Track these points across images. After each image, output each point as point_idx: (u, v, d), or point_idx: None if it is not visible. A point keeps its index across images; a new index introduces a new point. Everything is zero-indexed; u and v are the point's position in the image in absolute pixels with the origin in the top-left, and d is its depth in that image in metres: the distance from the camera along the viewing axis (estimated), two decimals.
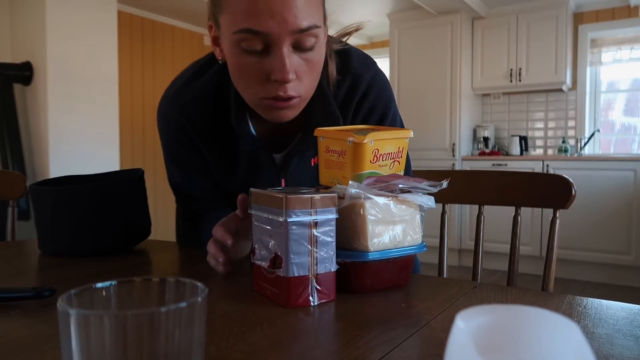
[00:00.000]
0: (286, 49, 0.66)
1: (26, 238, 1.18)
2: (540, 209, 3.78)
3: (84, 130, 3.23)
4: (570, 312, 0.57)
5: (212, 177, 0.90)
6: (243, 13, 0.63)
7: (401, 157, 0.68)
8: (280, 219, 0.56)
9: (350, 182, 0.60)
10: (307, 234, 0.56)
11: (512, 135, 4.44)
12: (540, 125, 4.50)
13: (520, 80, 4.20)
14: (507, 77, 4.25)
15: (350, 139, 0.62)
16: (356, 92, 0.83)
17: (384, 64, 5.67)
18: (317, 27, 0.66)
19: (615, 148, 4.38)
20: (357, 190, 0.59)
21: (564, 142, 4.26)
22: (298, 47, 0.67)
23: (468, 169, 4.10)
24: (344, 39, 0.86)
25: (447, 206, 1.14)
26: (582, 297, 0.62)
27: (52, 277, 0.75)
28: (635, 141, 4.29)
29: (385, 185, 0.61)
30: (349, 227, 0.61)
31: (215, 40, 0.74)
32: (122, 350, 0.29)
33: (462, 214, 4.19)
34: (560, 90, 4.27)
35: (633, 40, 4.19)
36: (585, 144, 4.26)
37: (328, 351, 0.45)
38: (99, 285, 0.34)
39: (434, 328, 0.52)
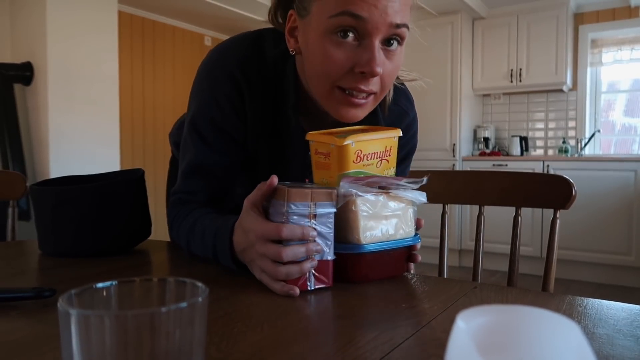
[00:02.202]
0: (377, 43, 0.67)
1: (26, 238, 1.18)
2: (540, 210, 3.78)
3: (84, 131, 3.23)
4: (570, 313, 0.57)
5: (242, 156, 0.82)
6: None
7: (390, 155, 0.71)
8: (283, 210, 0.60)
9: (341, 182, 0.64)
10: (307, 224, 0.61)
11: (513, 136, 4.44)
12: (540, 125, 4.50)
13: (520, 81, 4.20)
14: (508, 77, 4.25)
15: (332, 143, 0.67)
16: (400, 125, 0.88)
17: None
18: (408, 27, 0.70)
19: (615, 148, 4.37)
20: (348, 189, 0.63)
21: (564, 142, 4.26)
22: (386, 44, 0.69)
23: (468, 169, 4.09)
24: (399, 80, 0.91)
25: (448, 206, 1.14)
26: (582, 298, 0.62)
27: (52, 277, 0.75)
28: (635, 142, 4.29)
29: (366, 183, 0.65)
30: (344, 223, 0.65)
31: (292, 32, 0.75)
32: (123, 350, 0.29)
33: (462, 214, 4.19)
34: (561, 90, 4.27)
35: (633, 40, 4.19)
36: (585, 145, 4.26)
37: (328, 351, 0.45)
38: (100, 285, 0.34)
39: (435, 328, 0.52)
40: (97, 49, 3.28)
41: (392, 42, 0.69)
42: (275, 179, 0.63)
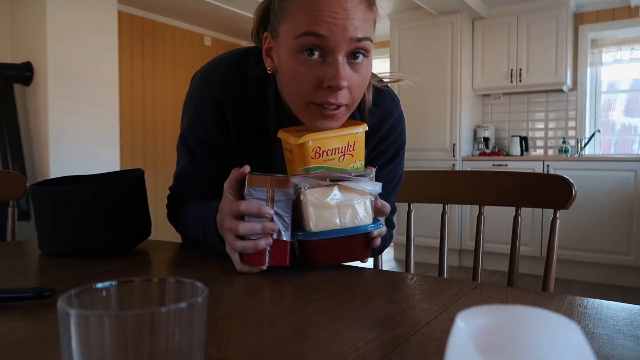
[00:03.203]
0: (341, 58, 0.71)
1: (26, 238, 1.18)
2: (540, 210, 3.78)
3: (84, 131, 3.23)
4: (570, 313, 0.57)
5: (227, 168, 0.87)
6: (307, 19, 0.70)
7: (354, 150, 0.75)
8: (245, 192, 0.71)
9: (290, 178, 0.72)
10: (261, 208, 0.70)
11: (513, 136, 4.44)
12: (540, 125, 4.50)
13: (520, 81, 4.20)
14: (508, 77, 4.25)
15: (290, 140, 0.74)
16: (383, 125, 0.92)
17: (384, 64, 5.67)
18: (370, 40, 0.74)
19: (615, 148, 4.37)
20: (297, 183, 0.71)
21: (564, 142, 4.26)
22: (351, 58, 0.73)
23: (468, 169, 4.10)
24: (382, 82, 0.94)
25: (448, 206, 1.14)
26: (582, 298, 0.62)
27: (52, 278, 0.75)
28: (635, 142, 4.29)
29: (316, 177, 0.72)
30: (298, 214, 0.73)
31: (268, 52, 0.81)
32: (122, 350, 0.29)
33: (462, 214, 4.19)
34: (561, 90, 4.27)
35: (633, 40, 4.19)
36: (585, 145, 4.26)
37: (328, 351, 0.45)
38: (99, 285, 0.34)
39: (434, 328, 0.52)
40: (97, 49, 3.28)
41: (357, 55, 0.73)
42: (247, 168, 0.72)
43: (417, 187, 1.16)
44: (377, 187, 0.75)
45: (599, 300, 0.61)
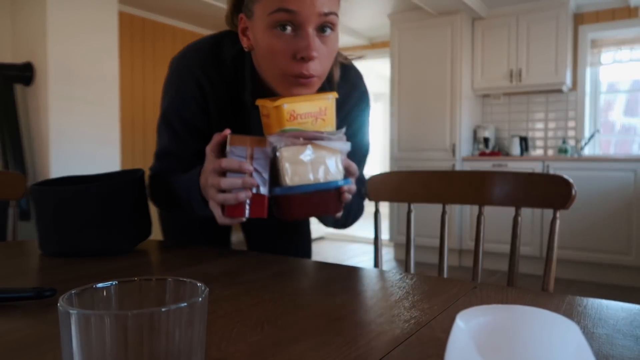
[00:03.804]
0: (311, 31, 0.78)
1: (27, 238, 1.18)
2: (540, 210, 3.78)
3: (84, 131, 3.23)
4: (570, 313, 0.57)
5: (206, 144, 0.91)
6: None
7: (325, 115, 0.81)
8: (227, 151, 0.76)
9: (268, 137, 0.77)
10: (241, 165, 0.75)
11: (513, 136, 4.44)
12: (540, 125, 4.50)
13: (520, 81, 4.20)
14: (508, 77, 4.25)
15: (270, 106, 0.79)
16: (350, 98, 1.00)
17: (384, 65, 5.67)
18: (336, 15, 0.81)
19: (615, 149, 4.37)
20: (274, 142, 0.76)
21: (564, 142, 4.26)
22: (320, 31, 0.80)
23: (468, 169, 4.10)
24: (347, 60, 1.02)
25: (448, 206, 1.14)
26: (582, 297, 0.62)
27: (52, 277, 0.76)
28: (635, 142, 4.29)
29: (291, 136, 0.77)
30: (276, 170, 0.78)
31: (244, 31, 0.87)
32: (123, 350, 0.29)
33: (462, 214, 4.19)
34: (561, 90, 4.27)
35: (633, 40, 4.19)
36: (585, 145, 4.26)
37: (328, 351, 0.45)
38: (100, 285, 0.34)
39: (434, 328, 0.52)
40: (98, 49, 3.28)
41: (325, 29, 0.80)
42: (228, 131, 0.78)
43: (417, 187, 1.16)
44: (347, 145, 0.80)
45: (599, 300, 0.61)
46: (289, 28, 0.78)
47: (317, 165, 0.78)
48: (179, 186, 0.91)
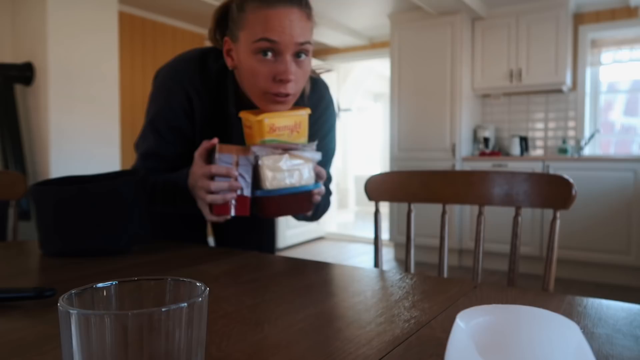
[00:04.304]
0: (289, 57, 0.91)
1: (27, 238, 1.18)
2: (540, 210, 3.78)
3: (85, 131, 3.23)
4: (570, 312, 0.57)
5: (188, 148, 1.06)
6: (262, 28, 0.89)
7: (300, 128, 0.95)
8: (215, 157, 0.87)
9: (251, 147, 0.89)
10: (229, 170, 0.87)
11: (513, 136, 4.44)
12: (540, 125, 4.50)
13: (520, 81, 4.20)
14: (508, 77, 4.25)
15: (253, 119, 0.91)
16: (319, 107, 1.12)
17: (384, 65, 5.67)
18: (310, 43, 0.93)
19: (615, 149, 4.37)
20: (257, 152, 0.89)
21: (564, 142, 4.26)
22: (296, 56, 0.92)
23: (468, 169, 4.10)
24: (315, 74, 1.14)
25: (448, 206, 1.14)
26: (582, 297, 0.62)
27: (52, 277, 0.76)
28: (635, 142, 4.29)
29: (272, 147, 0.90)
30: (257, 175, 0.90)
31: (228, 52, 0.98)
32: (123, 350, 0.29)
33: (462, 214, 4.19)
34: (561, 90, 4.27)
35: (633, 40, 4.19)
36: (585, 145, 4.26)
37: (328, 351, 0.46)
38: (100, 285, 0.34)
39: (434, 328, 0.52)
40: (98, 49, 3.28)
41: (300, 55, 0.92)
42: (216, 140, 0.89)
43: (417, 187, 1.16)
44: (318, 155, 0.94)
45: (599, 300, 0.61)
46: (269, 54, 0.90)
47: (292, 172, 0.91)
48: (165, 183, 1.00)
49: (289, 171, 0.91)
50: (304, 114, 0.94)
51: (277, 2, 0.88)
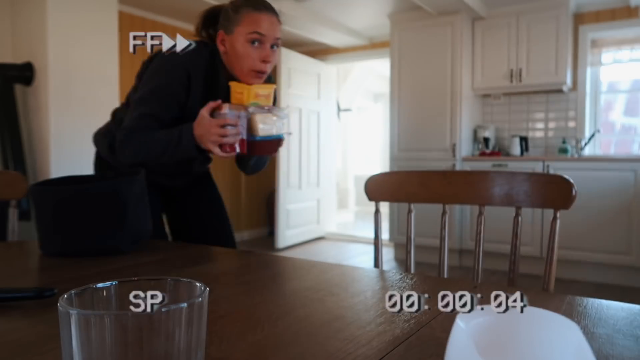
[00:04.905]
0: (268, 46, 1.28)
1: (28, 238, 1.18)
2: (540, 210, 3.78)
3: (85, 131, 3.22)
4: (570, 312, 0.57)
5: (183, 114, 1.30)
6: (255, 25, 1.26)
7: (270, 97, 1.29)
8: (226, 111, 1.19)
9: (248, 106, 1.23)
10: (236, 121, 1.20)
11: (513, 136, 4.44)
12: (540, 125, 4.50)
13: (520, 81, 4.19)
14: (508, 77, 4.25)
15: (243, 86, 1.26)
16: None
17: (384, 65, 5.66)
18: (279, 39, 1.30)
19: (615, 149, 4.37)
20: (252, 110, 1.23)
21: (564, 142, 4.26)
22: (272, 47, 1.29)
23: (468, 169, 4.09)
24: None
25: (448, 206, 1.14)
26: (582, 297, 0.62)
27: (52, 278, 0.76)
28: (635, 142, 4.28)
29: (258, 107, 1.25)
30: (251, 125, 1.24)
31: (222, 42, 1.32)
32: (123, 350, 0.29)
33: (462, 214, 4.19)
34: (561, 90, 4.27)
35: (633, 40, 4.19)
36: (585, 145, 4.26)
37: (328, 351, 0.45)
38: (100, 285, 0.34)
39: (434, 328, 0.52)
40: (98, 49, 3.28)
41: (273, 46, 1.30)
42: (220, 101, 1.21)
43: (417, 187, 1.16)
44: (287, 116, 1.30)
45: (599, 300, 0.61)
46: (256, 43, 1.27)
47: (272, 125, 1.26)
48: (168, 132, 1.23)
49: (271, 124, 1.26)
50: (274, 88, 1.33)
51: (264, 9, 1.28)
